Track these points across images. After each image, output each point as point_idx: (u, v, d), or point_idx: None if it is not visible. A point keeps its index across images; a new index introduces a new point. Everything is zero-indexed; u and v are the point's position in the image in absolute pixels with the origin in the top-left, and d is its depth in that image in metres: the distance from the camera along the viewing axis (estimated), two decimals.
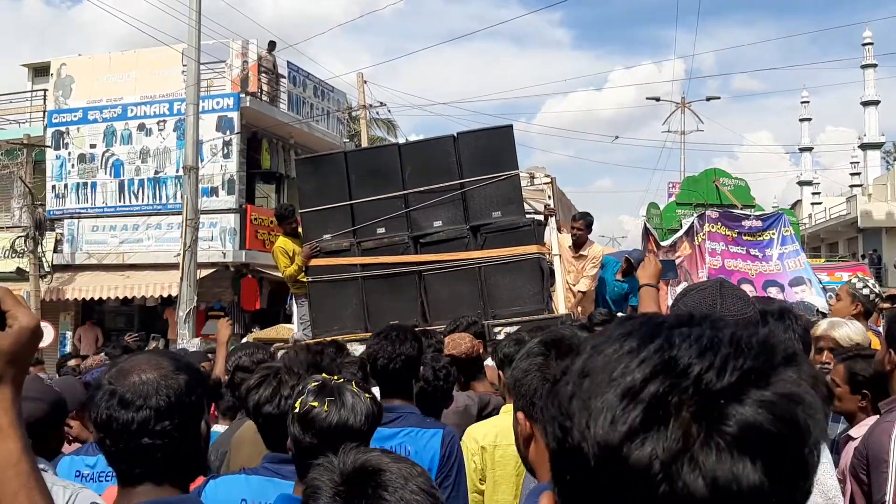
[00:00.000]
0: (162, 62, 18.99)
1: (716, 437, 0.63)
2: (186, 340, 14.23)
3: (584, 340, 0.78)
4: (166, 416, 1.68)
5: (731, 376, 0.66)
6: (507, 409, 3.40)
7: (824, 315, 6.51)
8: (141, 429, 1.67)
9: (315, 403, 2.10)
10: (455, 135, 6.94)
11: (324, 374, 2.32)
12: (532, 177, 7.68)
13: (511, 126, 7.02)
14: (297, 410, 2.12)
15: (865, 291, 5.12)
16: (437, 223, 6.75)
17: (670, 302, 12.09)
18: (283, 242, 7.62)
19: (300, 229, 7.54)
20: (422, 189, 6.74)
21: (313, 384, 2.18)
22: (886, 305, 5.83)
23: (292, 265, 7.28)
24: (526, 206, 7.35)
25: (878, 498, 2.56)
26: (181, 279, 15.15)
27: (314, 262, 6.94)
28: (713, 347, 0.68)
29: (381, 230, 6.78)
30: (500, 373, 3.64)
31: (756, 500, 0.64)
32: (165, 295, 17.70)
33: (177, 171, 18.07)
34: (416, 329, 4.02)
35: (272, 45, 19.95)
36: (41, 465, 2.73)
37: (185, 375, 1.75)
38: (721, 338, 0.69)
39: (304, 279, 7.14)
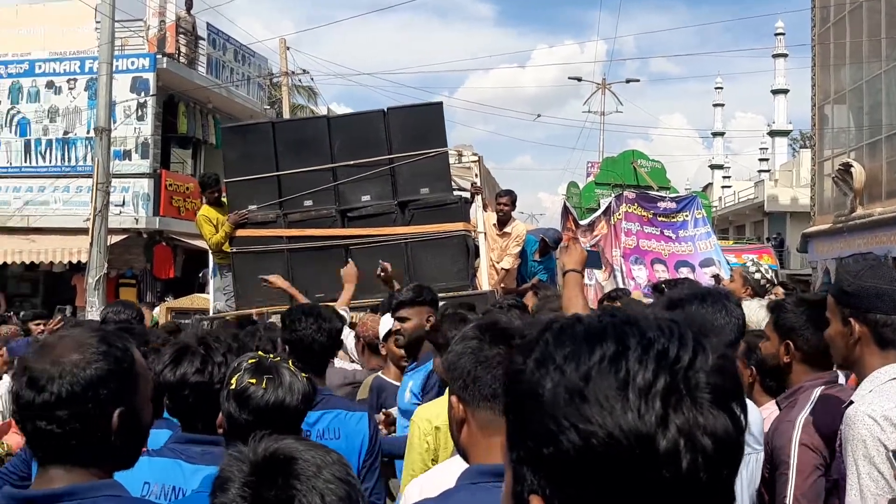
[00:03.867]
0: (73, 18, 18.22)
1: (700, 402, 0.77)
2: (96, 308, 13.81)
3: (532, 357, 0.84)
4: (65, 405, 1.61)
5: (692, 352, 0.79)
6: None
7: None
8: (40, 412, 1.61)
9: (253, 380, 2.07)
10: (385, 110, 6.90)
11: (259, 352, 2.27)
12: (460, 154, 7.72)
13: (441, 103, 7.07)
14: (233, 387, 2.08)
15: (757, 276, 5.40)
16: (365, 197, 6.72)
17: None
18: (206, 211, 7.46)
19: (224, 199, 7.39)
20: (350, 163, 6.68)
21: (250, 361, 2.14)
22: (779, 291, 6.11)
23: (217, 233, 7.13)
24: (452, 184, 7.39)
25: (780, 500, 2.58)
26: (91, 245, 14.62)
27: (239, 232, 6.83)
28: (669, 332, 0.81)
29: (308, 203, 6.71)
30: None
31: (736, 442, 0.79)
32: (74, 261, 17.09)
33: (88, 132, 17.43)
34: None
35: (189, 4, 19.35)
36: None
37: (104, 363, 1.66)
38: (661, 325, 0.82)
39: (229, 249, 7.01)
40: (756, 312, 3.97)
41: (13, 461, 3.01)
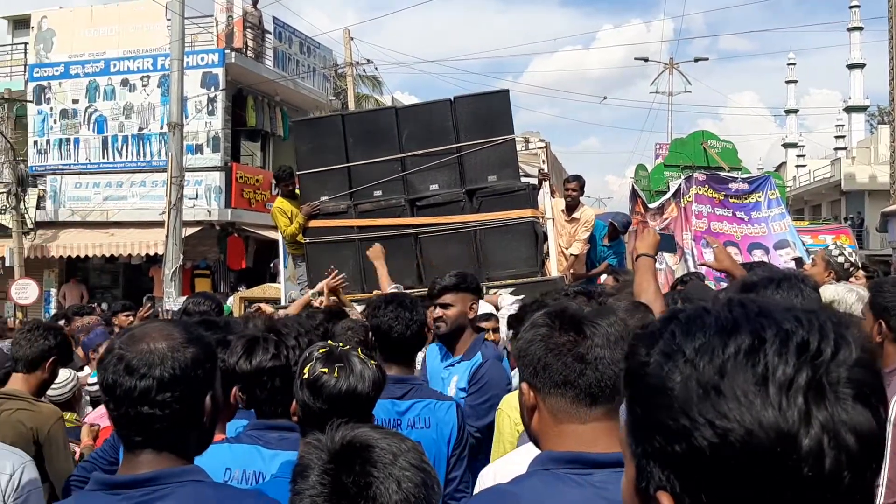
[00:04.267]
0: (145, 16, 18.68)
1: (843, 397, 0.74)
2: (173, 299, 14.21)
3: (667, 350, 0.81)
4: (168, 388, 1.67)
5: (834, 345, 0.76)
6: None
7: None
8: (141, 397, 1.67)
9: (325, 370, 2.12)
10: (452, 99, 6.97)
11: (329, 341, 2.32)
12: (527, 141, 7.70)
13: (507, 91, 7.08)
14: (305, 377, 2.13)
15: (840, 259, 5.22)
16: (434, 186, 6.82)
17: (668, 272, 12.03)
18: (280, 203, 7.66)
19: (297, 191, 7.57)
20: (419, 152, 6.78)
21: (321, 350, 2.18)
22: (861, 275, 5.90)
23: (291, 225, 7.32)
24: (519, 170, 7.38)
25: None
26: (167, 237, 15.04)
27: (312, 223, 7.02)
28: (808, 323, 0.78)
29: (377, 193, 6.85)
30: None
31: (879, 439, 0.77)
32: (151, 253, 17.63)
33: (161, 127, 17.85)
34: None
35: None
36: None
37: (195, 349, 1.74)
38: (799, 316, 0.79)
39: (302, 240, 7.20)
40: (844, 297, 3.86)
41: (102, 447, 3.09)
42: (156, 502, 1.63)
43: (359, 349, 2.25)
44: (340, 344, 2.26)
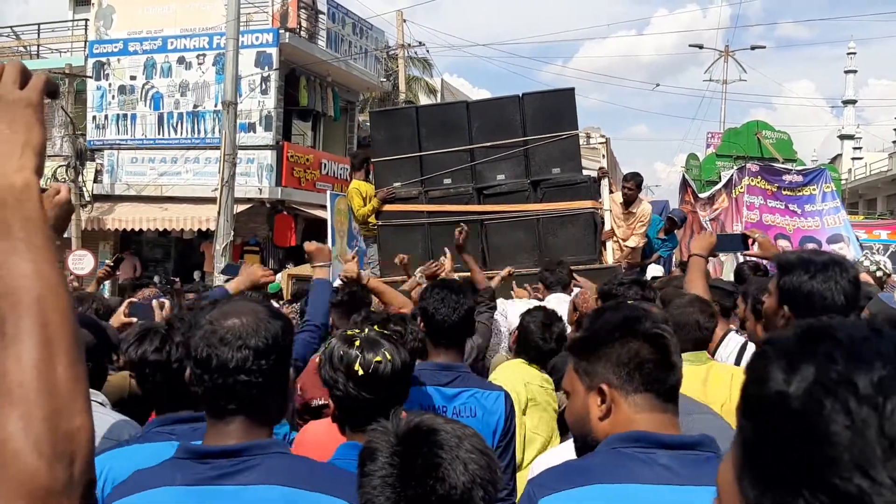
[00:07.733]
0: None
1: None
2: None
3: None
4: (262, 357, 1.74)
5: None
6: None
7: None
8: (237, 367, 1.73)
9: (378, 359, 2.11)
10: (520, 95, 7.27)
11: (348, 331, 2.30)
12: (588, 136, 7.94)
13: (573, 89, 7.37)
14: (354, 368, 2.11)
15: (879, 274, 5.36)
16: (500, 176, 7.13)
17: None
18: (357, 185, 7.97)
19: (372, 176, 7.90)
20: (487, 144, 7.11)
21: (356, 344, 2.16)
22: None
23: (365, 207, 7.62)
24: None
25: None
26: (218, 213, 15.31)
27: (385, 207, 7.34)
28: None
29: (447, 181, 7.19)
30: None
31: None
32: (203, 228, 17.92)
33: (215, 105, 18.09)
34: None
35: None
36: (99, 399, 2.66)
37: (280, 321, 1.82)
38: None
39: (374, 222, 7.50)
40: None
41: None
42: (244, 472, 1.69)
43: (374, 326, 2.24)
44: (366, 330, 2.23)
